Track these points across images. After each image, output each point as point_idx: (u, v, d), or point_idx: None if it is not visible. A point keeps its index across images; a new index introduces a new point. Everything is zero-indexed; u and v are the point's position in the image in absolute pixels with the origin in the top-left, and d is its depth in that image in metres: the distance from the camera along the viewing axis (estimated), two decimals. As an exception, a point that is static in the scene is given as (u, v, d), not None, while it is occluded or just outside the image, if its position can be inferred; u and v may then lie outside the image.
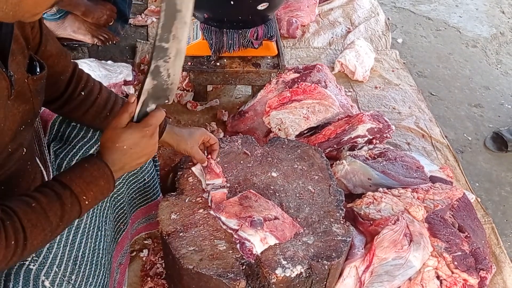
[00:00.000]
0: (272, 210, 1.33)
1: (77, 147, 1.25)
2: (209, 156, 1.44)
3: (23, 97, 0.93)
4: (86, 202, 0.92)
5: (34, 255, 1.00)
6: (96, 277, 1.11)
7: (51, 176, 1.17)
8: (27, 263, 0.98)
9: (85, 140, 1.26)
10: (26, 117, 0.96)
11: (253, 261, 1.25)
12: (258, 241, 1.26)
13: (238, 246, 1.27)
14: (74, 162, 1.22)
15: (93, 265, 1.11)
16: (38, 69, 0.98)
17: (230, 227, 1.30)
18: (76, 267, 1.06)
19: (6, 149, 0.92)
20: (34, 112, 1.00)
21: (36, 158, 1.14)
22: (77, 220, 1.13)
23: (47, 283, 0.97)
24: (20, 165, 0.99)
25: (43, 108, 1.28)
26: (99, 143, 1.00)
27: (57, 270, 1.01)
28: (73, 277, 1.03)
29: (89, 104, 1.18)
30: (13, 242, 0.81)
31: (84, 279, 1.06)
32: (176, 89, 1.03)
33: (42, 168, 1.13)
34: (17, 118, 0.92)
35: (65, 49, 1.16)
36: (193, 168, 1.47)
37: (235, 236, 1.28)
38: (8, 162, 0.95)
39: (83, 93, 1.17)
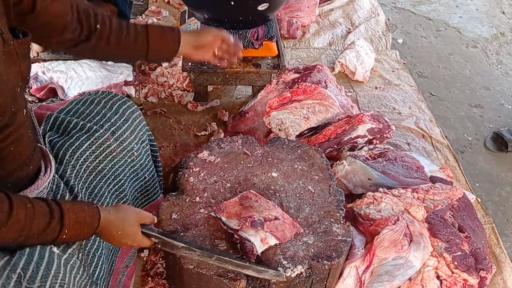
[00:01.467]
0: (272, 210, 1.33)
1: (74, 137, 1.25)
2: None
3: (12, 58, 0.96)
4: (64, 236, 0.98)
5: None
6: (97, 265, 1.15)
7: (52, 162, 1.17)
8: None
9: (83, 131, 1.27)
10: (17, 79, 0.99)
11: (254, 261, 1.25)
12: (258, 241, 1.26)
13: (238, 246, 1.27)
14: (70, 152, 1.23)
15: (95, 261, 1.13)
16: (21, 35, 1.00)
17: (231, 227, 1.29)
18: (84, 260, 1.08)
19: (9, 108, 0.95)
20: (23, 76, 1.02)
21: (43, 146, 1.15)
22: None
23: (55, 249, 0.99)
24: (24, 129, 1.02)
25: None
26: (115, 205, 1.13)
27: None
28: (80, 255, 1.06)
29: (107, 32, 1.21)
30: None
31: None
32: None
33: (43, 146, 1.15)
34: (11, 78, 0.95)
35: None
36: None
37: (235, 236, 1.28)
38: (13, 121, 0.97)
39: (98, 26, 1.20)
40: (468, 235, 1.58)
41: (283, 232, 1.30)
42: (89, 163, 1.25)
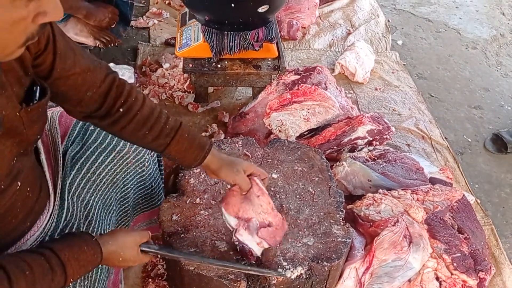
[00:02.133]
0: (269, 214, 1.28)
1: (90, 150, 1.25)
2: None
3: (13, 132, 0.88)
4: (70, 282, 0.96)
5: None
6: (96, 278, 1.12)
7: (59, 185, 1.16)
8: None
9: (103, 146, 1.27)
10: (17, 149, 0.92)
11: (254, 262, 1.26)
12: (255, 246, 1.26)
13: (238, 248, 1.28)
14: (87, 166, 1.22)
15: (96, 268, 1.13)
16: (36, 97, 0.92)
17: (229, 223, 1.27)
18: None
19: None
20: (29, 142, 0.96)
21: (46, 169, 1.13)
22: (85, 224, 1.16)
23: None
24: (16, 197, 0.96)
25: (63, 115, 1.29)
26: (111, 231, 1.10)
27: None
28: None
29: (127, 121, 1.10)
30: None
31: (87, 278, 1.08)
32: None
33: (49, 179, 1.13)
34: (6, 154, 0.88)
35: (99, 62, 1.07)
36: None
37: (234, 238, 1.26)
38: (1, 199, 0.91)
39: (121, 110, 1.09)
40: (468, 237, 1.59)
41: (274, 239, 1.29)
42: (108, 176, 1.27)
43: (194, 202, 1.42)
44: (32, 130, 0.94)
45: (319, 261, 1.29)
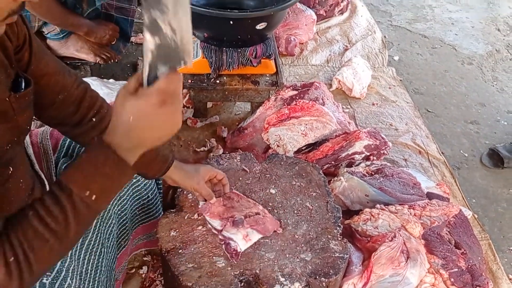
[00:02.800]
0: (253, 208, 1.39)
1: None
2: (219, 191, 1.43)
3: (4, 116, 0.90)
4: (93, 197, 0.80)
5: None
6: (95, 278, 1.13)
7: None
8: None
9: None
10: (10, 135, 0.93)
11: (236, 262, 1.29)
12: (241, 239, 1.31)
13: (223, 247, 1.31)
14: None
15: (95, 282, 1.13)
16: (22, 86, 0.95)
17: (215, 227, 1.35)
18: (81, 282, 1.07)
19: None
20: (20, 130, 0.98)
21: (42, 175, 1.15)
22: (82, 237, 1.16)
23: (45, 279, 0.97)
24: (9, 185, 0.96)
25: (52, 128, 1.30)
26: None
27: (70, 283, 1.04)
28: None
29: (99, 130, 1.13)
30: (17, 273, 0.75)
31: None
32: (192, 49, 0.87)
33: (46, 183, 1.15)
34: (0, 138, 0.90)
35: (68, 69, 1.12)
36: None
37: (219, 237, 1.33)
38: None
39: (94, 119, 1.13)
40: (465, 252, 1.60)
41: (264, 225, 1.34)
42: None
43: (192, 217, 1.42)
44: (22, 118, 0.95)
45: (317, 277, 1.29)
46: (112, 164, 0.80)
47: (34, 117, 1.07)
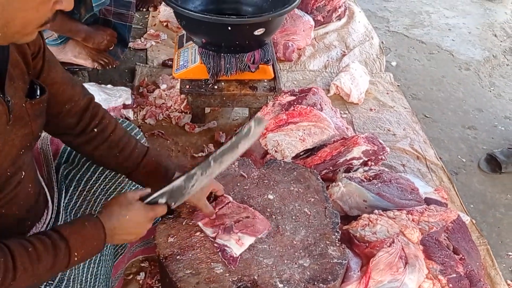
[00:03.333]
0: (243, 212, 1.40)
1: (84, 168, 1.27)
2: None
3: (21, 121, 0.94)
4: (76, 259, 0.96)
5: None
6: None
7: (56, 198, 1.19)
8: (42, 286, 1.01)
9: (92, 161, 1.29)
10: (25, 141, 0.97)
11: (234, 268, 1.29)
12: (234, 244, 1.32)
13: (220, 254, 1.32)
14: (83, 183, 1.25)
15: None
16: (38, 93, 0.99)
17: (208, 234, 1.36)
18: None
19: (5, 173, 0.93)
20: (33, 136, 1.01)
21: (42, 180, 1.15)
22: None
23: None
24: (20, 189, 1.01)
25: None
26: (104, 204, 1.06)
27: None
28: None
29: (100, 141, 1.17)
30: (0, 279, 0.84)
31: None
32: (184, 200, 1.18)
33: (46, 190, 1.15)
34: (16, 143, 0.94)
35: (75, 80, 1.15)
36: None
37: (215, 244, 1.33)
38: (7, 185, 0.96)
39: (95, 130, 1.16)
40: (463, 257, 1.59)
41: (254, 227, 1.35)
42: (102, 196, 1.28)
43: (190, 223, 1.42)
44: (36, 124, 1.00)
45: (315, 283, 1.28)
46: (99, 240, 1.00)
47: None
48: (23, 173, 1.00)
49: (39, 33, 0.98)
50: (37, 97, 0.98)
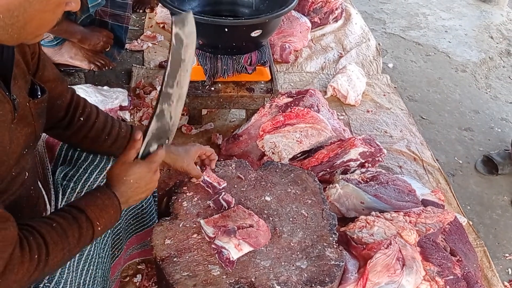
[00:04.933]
0: (247, 219, 1.39)
1: (82, 169, 1.27)
2: (207, 168, 1.51)
3: (25, 120, 0.95)
4: (99, 228, 0.99)
5: (46, 280, 1.03)
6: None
7: (53, 201, 1.18)
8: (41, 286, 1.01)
9: (94, 163, 1.29)
10: (28, 140, 0.98)
11: (231, 270, 1.29)
12: (233, 248, 1.31)
13: (216, 255, 1.31)
14: (80, 184, 1.25)
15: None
16: (39, 93, 1.00)
17: (208, 234, 1.36)
18: None
19: (10, 172, 0.94)
20: (36, 136, 1.02)
21: (39, 182, 1.15)
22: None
23: None
24: (23, 190, 1.01)
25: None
26: (107, 175, 1.07)
27: None
28: None
29: (88, 128, 1.22)
30: (36, 256, 0.86)
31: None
32: (175, 131, 1.15)
33: (44, 193, 1.15)
34: (21, 142, 0.95)
35: (62, 75, 1.18)
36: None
37: (213, 246, 1.33)
38: (12, 186, 0.96)
39: (81, 119, 1.20)
40: (460, 259, 1.59)
41: (257, 239, 1.35)
42: None
43: (187, 225, 1.42)
44: (38, 124, 1.01)
45: (313, 285, 1.28)
46: (115, 208, 1.02)
47: None
48: (27, 174, 1.01)
49: None
50: (39, 96, 1.00)
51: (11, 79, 0.90)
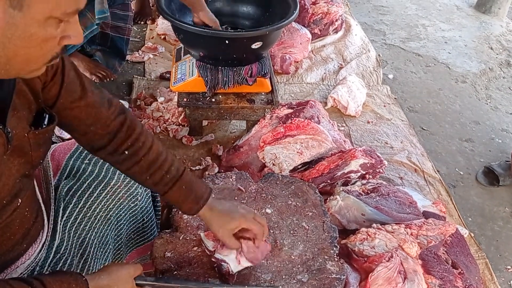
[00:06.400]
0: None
1: (86, 184, 1.26)
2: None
3: (20, 151, 0.91)
4: None
5: None
6: None
7: (52, 217, 1.17)
8: None
9: (98, 178, 1.28)
10: (22, 170, 0.94)
11: (231, 284, 1.26)
12: (233, 261, 1.27)
13: (216, 269, 1.29)
14: (83, 200, 1.23)
15: None
16: (45, 122, 0.95)
17: (207, 247, 1.33)
18: None
19: (1, 202, 0.90)
20: (32, 165, 0.98)
21: (40, 198, 1.14)
22: (81, 262, 1.15)
23: None
24: (16, 214, 0.98)
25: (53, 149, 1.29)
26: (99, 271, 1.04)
27: None
28: None
29: (131, 163, 1.13)
30: None
31: None
32: None
33: (44, 209, 1.14)
34: (13, 172, 0.91)
35: (109, 100, 1.10)
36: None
37: (212, 259, 1.30)
38: (3, 214, 0.93)
39: (126, 152, 1.12)
40: (462, 272, 1.58)
41: (255, 255, 1.29)
42: (102, 213, 1.27)
43: (188, 238, 1.41)
44: (37, 153, 0.97)
45: (314, 299, 1.27)
46: None
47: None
48: (19, 201, 0.97)
49: (62, 58, 0.96)
50: (44, 126, 0.95)
51: (9, 110, 0.86)
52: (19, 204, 0.97)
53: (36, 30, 0.71)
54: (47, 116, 0.96)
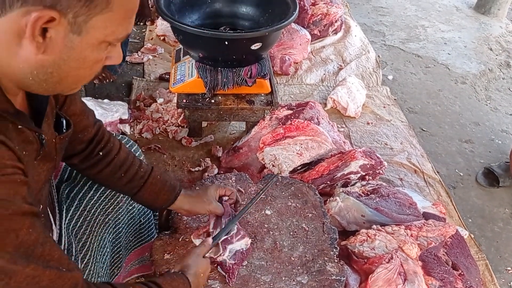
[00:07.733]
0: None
1: (87, 186, 1.26)
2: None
3: (49, 156, 0.93)
4: None
5: None
6: None
7: (57, 220, 1.17)
8: None
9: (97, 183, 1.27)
10: (49, 175, 0.97)
11: (231, 285, 1.28)
12: (240, 245, 1.36)
13: (218, 268, 1.32)
14: (85, 202, 1.24)
15: None
16: (64, 127, 0.98)
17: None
18: None
19: None
20: (55, 169, 1.01)
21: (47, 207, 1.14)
22: (82, 265, 1.15)
23: None
24: None
25: None
26: (179, 260, 1.22)
27: None
28: None
29: (105, 164, 1.19)
30: None
31: None
32: None
33: (49, 212, 1.13)
34: (42, 177, 0.93)
35: (89, 109, 1.17)
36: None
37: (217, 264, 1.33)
38: None
39: (100, 153, 1.18)
40: (462, 273, 1.58)
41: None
42: (100, 216, 1.27)
43: (187, 239, 1.41)
44: (59, 158, 1.00)
45: (314, 300, 1.27)
46: None
47: None
48: (41, 206, 0.99)
49: None
50: (64, 131, 0.98)
51: (44, 117, 0.89)
52: (40, 209, 0.98)
53: (90, 53, 0.76)
54: (64, 121, 0.99)
